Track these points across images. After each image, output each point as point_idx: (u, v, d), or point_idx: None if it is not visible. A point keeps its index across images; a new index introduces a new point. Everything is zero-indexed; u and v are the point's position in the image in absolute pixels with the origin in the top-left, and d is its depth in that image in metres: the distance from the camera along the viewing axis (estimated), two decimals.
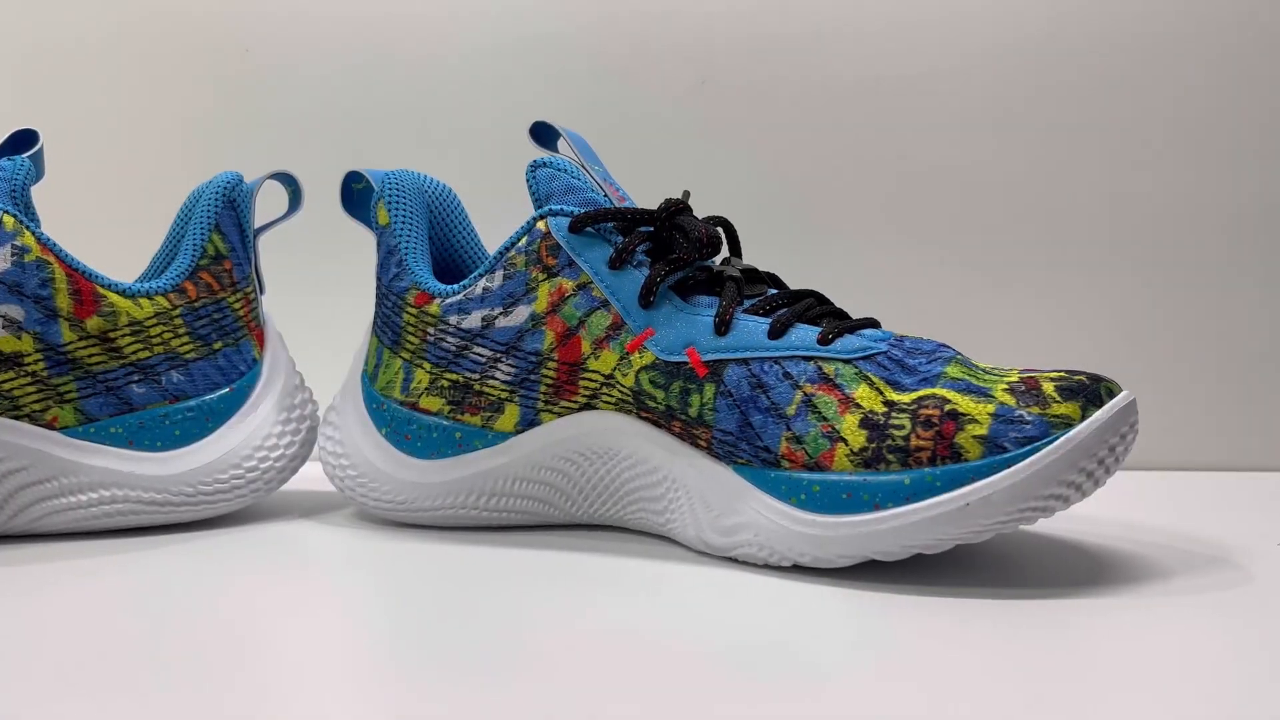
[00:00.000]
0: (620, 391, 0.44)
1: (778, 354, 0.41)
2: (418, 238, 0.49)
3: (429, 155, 0.67)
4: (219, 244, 0.50)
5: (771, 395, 0.41)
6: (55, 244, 0.45)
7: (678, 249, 0.44)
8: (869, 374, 0.40)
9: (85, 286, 0.45)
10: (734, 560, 0.42)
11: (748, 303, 0.44)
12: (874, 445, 0.39)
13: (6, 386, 0.44)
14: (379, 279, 0.49)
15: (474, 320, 0.46)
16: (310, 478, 0.56)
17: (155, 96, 0.70)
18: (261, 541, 0.47)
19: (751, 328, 0.42)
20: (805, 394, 0.40)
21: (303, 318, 0.59)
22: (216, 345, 0.49)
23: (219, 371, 0.49)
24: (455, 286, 0.47)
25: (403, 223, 0.49)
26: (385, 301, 0.49)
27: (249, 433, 0.50)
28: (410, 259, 0.48)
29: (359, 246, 0.65)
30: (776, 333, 0.42)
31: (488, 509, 0.47)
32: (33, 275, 0.44)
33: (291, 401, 0.52)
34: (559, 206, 0.45)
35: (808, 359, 0.41)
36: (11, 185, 0.45)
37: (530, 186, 0.47)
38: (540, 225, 0.45)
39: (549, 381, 0.45)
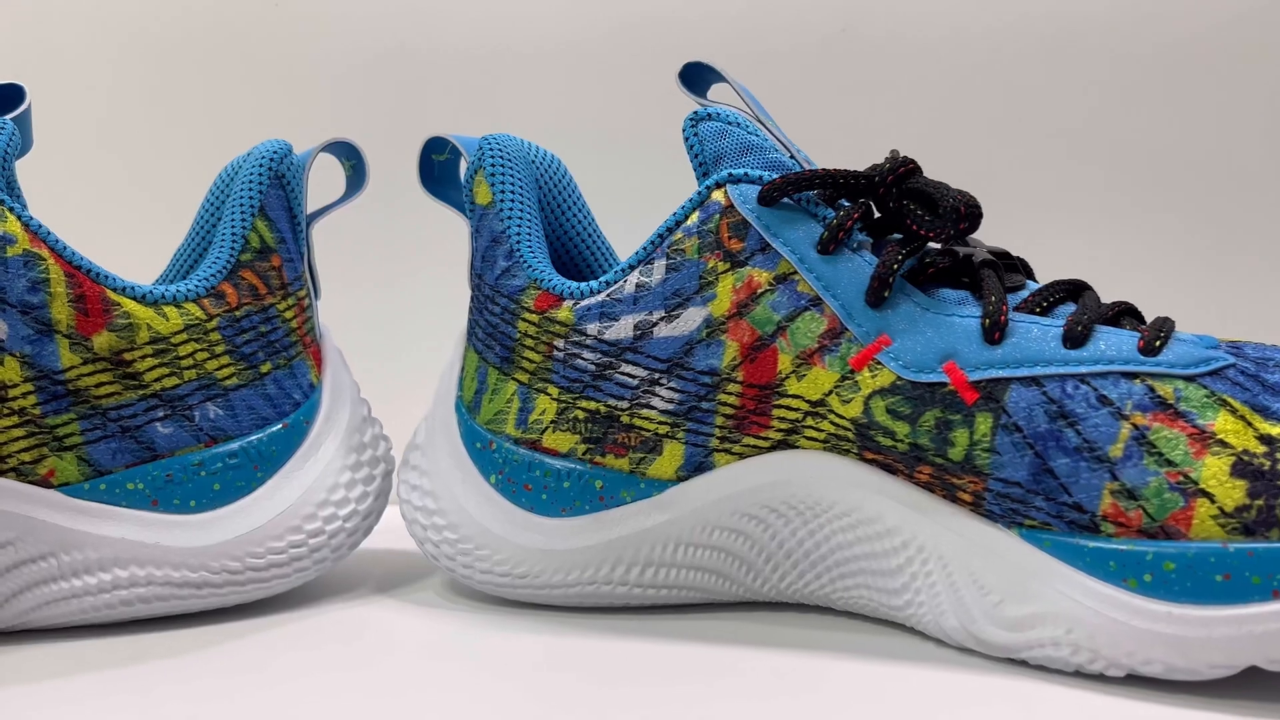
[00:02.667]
0: (836, 424, 0.32)
1: (1085, 369, 0.29)
2: (531, 220, 0.37)
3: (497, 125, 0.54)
4: (265, 233, 0.37)
5: (1083, 429, 0.28)
6: (50, 233, 0.33)
7: (917, 223, 0.31)
8: (1226, 396, 0.28)
9: (92, 291, 0.33)
10: (1023, 664, 0.30)
11: (1011, 298, 0.31)
12: (1260, 502, 0.26)
13: None
14: (478, 275, 0.37)
15: (623, 329, 0.34)
16: (382, 531, 0.43)
17: (165, 54, 0.57)
18: (328, 632, 0.35)
19: (1036, 332, 0.30)
20: (1135, 426, 0.28)
21: (351, 325, 0.46)
22: (264, 367, 0.37)
23: (268, 402, 0.37)
24: (593, 284, 0.34)
25: (512, 201, 0.37)
26: (490, 305, 0.36)
27: (310, 483, 0.37)
28: (525, 248, 0.36)
29: (426, 230, 0.52)
30: (1076, 339, 0.29)
31: (639, 584, 0.35)
32: (19, 275, 0.32)
33: (360, 439, 0.39)
34: (741, 170, 0.33)
35: (1131, 376, 0.29)
36: None
37: (690, 146, 0.34)
38: (718, 196, 0.33)
39: (728, 411, 0.33)
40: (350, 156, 0.41)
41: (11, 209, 0.32)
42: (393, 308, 0.53)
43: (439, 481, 0.37)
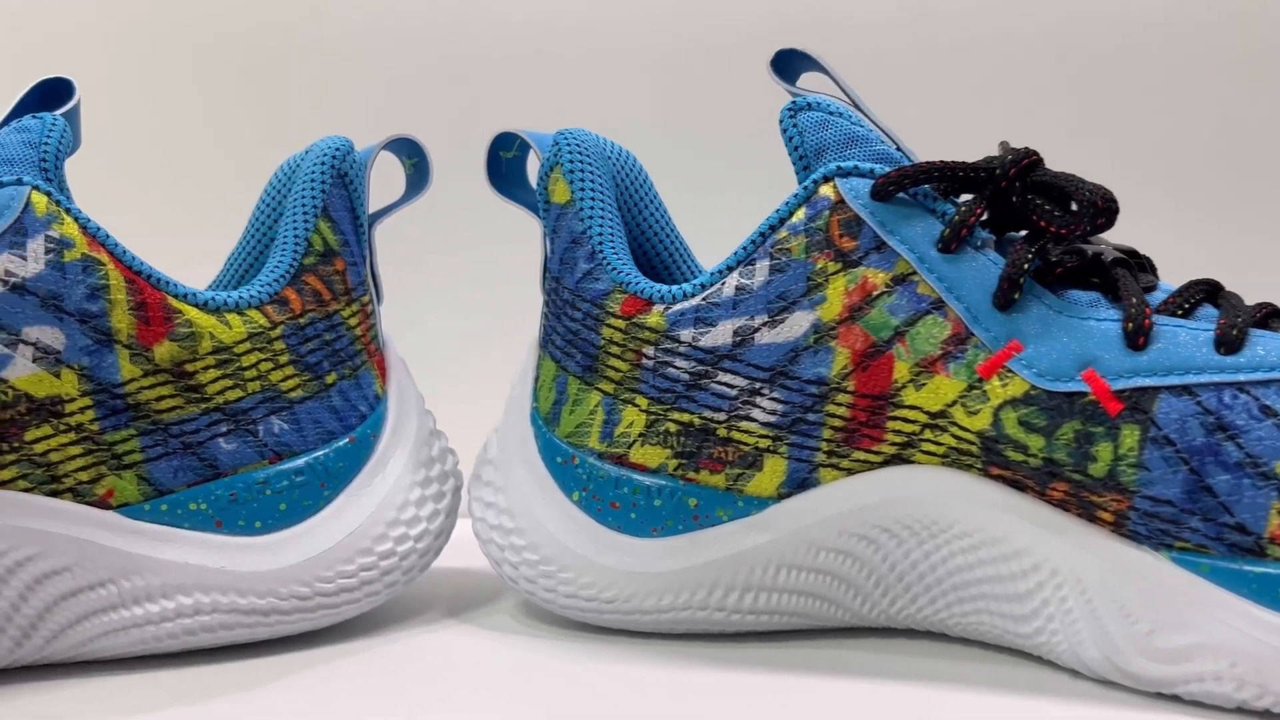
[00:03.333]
0: (958, 437, 0.29)
1: (1243, 377, 0.27)
2: (613, 219, 0.34)
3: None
4: (328, 235, 0.35)
5: (1245, 442, 0.26)
6: (109, 236, 0.31)
7: (1046, 219, 0.29)
8: None
9: (153, 298, 0.31)
10: (1174, 699, 0.27)
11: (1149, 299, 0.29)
12: None
13: (40, 449, 0.29)
14: (554, 279, 0.35)
15: (721, 335, 0.31)
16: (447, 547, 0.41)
17: (209, 47, 0.54)
18: (399, 661, 0.32)
19: (1184, 337, 0.27)
20: None
21: (410, 332, 0.44)
22: (329, 378, 0.35)
23: (334, 415, 0.34)
24: (686, 287, 0.32)
25: (593, 198, 0.34)
26: (570, 311, 0.34)
27: (379, 501, 0.35)
28: (608, 249, 0.34)
29: (490, 231, 0.50)
30: (1231, 344, 0.27)
31: (738, 610, 0.32)
32: (78, 282, 0.30)
33: (428, 453, 0.37)
34: (850, 163, 0.31)
35: None
36: (41, 152, 0.31)
37: (789, 138, 0.32)
38: (826, 191, 0.31)
39: (837, 423, 0.30)
40: (412, 154, 0.39)
41: (69, 210, 0.30)
42: (454, 313, 0.50)
43: (516, 499, 0.35)
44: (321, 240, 0.35)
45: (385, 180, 0.39)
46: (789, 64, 0.35)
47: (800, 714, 0.28)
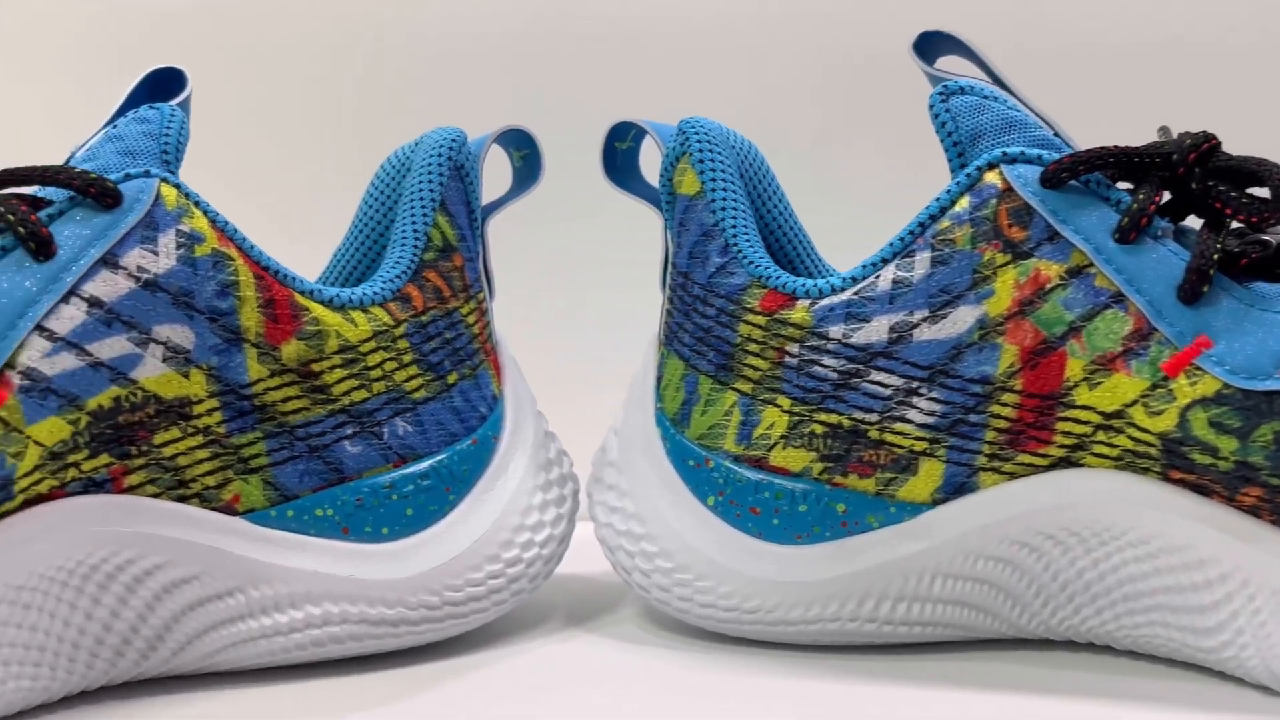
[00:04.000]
0: (1136, 439, 0.28)
1: None
2: (745, 211, 0.33)
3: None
4: (446, 230, 0.34)
5: None
6: (237, 231, 0.29)
7: (1233, 206, 0.27)
8: None
9: (281, 294, 0.29)
10: None
11: None
12: None
13: (168, 453, 0.28)
14: (681, 274, 0.33)
15: (875, 331, 0.30)
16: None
17: (299, 41, 0.53)
18: (526, 673, 0.31)
19: None
20: None
21: (516, 330, 0.43)
22: (451, 378, 0.33)
23: (455, 416, 0.33)
24: (833, 280, 0.30)
25: (724, 190, 0.33)
26: (700, 307, 0.32)
27: (504, 506, 0.33)
28: (743, 241, 0.32)
29: (600, 224, 0.48)
30: None
31: (890, 621, 0.31)
32: (208, 278, 0.28)
33: (546, 456, 0.35)
34: (1016, 149, 0.29)
35: None
36: (162, 144, 0.30)
37: (942, 123, 0.30)
38: (992, 178, 0.29)
39: (1002, 425, 0.29)
40: (521, 146, 0.37)
41: (197, 203, 0.29)
42: (562, 310, 0.49)
43: (644, 503, 0.33)
44: (440, 235, 0.34)
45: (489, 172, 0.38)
46: (928, 46, 0.33)
47: None
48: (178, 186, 0.28)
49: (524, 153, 0.38)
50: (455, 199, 0.34)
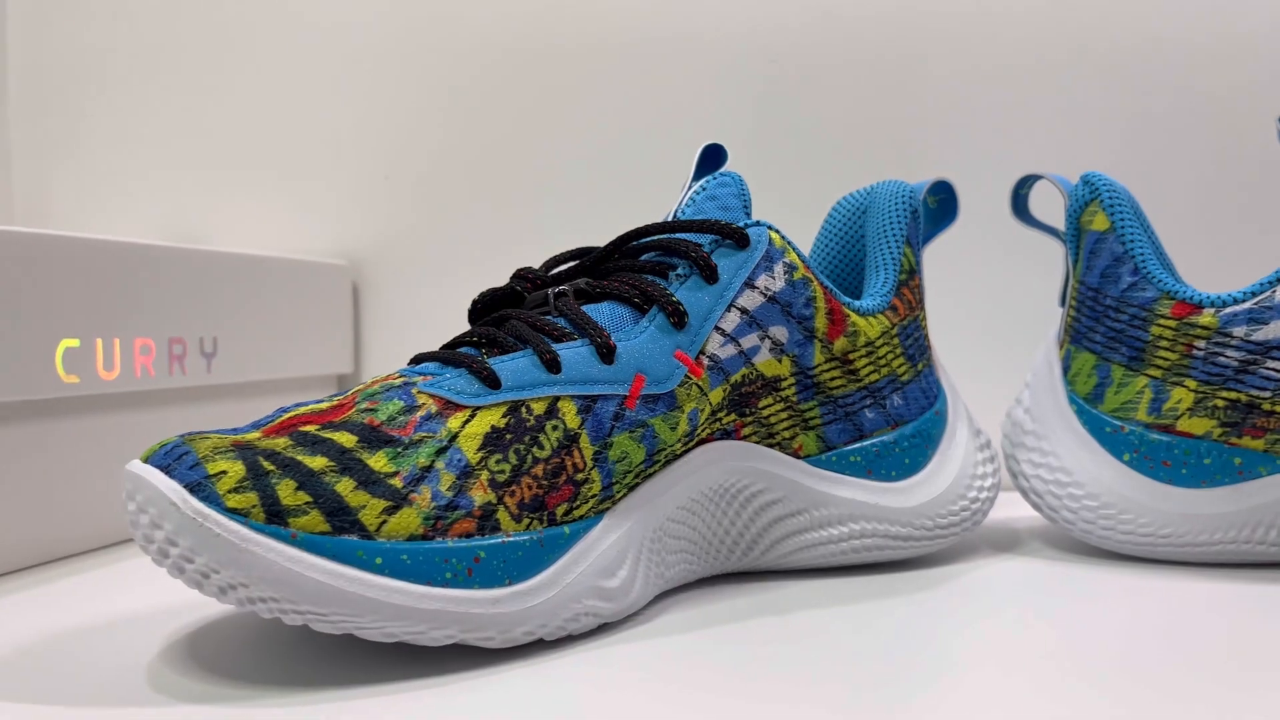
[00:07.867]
0: None
1: None
2: (1149, 242, 0.45)
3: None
4: (910, 258, 0.46)
5: None
6: (809, 260, 0.42)
7: None
8: None
9: (835, 306, 0.42)
10: None
11: None
12: None
13: (766, 413, 0.41)
14: (1092, 290, 0.45)
15: (1272, 331, 0.41)
16: None
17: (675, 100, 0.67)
18: (982, 580, 0.43)
19: None
20: None
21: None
22: (920, 365, 0.46)
23: (924, 394, 0.46)
24: (1235, 294, 0.42)
25: (1130, 226, 0.44)
26: (1114, 314, 0.44)
27: (961, 459, 0.46)
28: (1151, 265, 0.44)
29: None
30: None
31: (1276, 544, 0.42)
32: (800, 295, 0.41)
33: (974, 425, 0.48)
34: None
35: None
36: (744, 201, 0.43)
37: None
38: None
39: None
40: (937, 191, 0.50)
41: (788, 242, 0.42)
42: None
43: (1067, 459, 0.45)
44: (908, 261, 0.46)
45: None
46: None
47: None
48: (778, 232, 0.41)
49: (939, 197, 0.50)
50: (914, 235, 0.47)
